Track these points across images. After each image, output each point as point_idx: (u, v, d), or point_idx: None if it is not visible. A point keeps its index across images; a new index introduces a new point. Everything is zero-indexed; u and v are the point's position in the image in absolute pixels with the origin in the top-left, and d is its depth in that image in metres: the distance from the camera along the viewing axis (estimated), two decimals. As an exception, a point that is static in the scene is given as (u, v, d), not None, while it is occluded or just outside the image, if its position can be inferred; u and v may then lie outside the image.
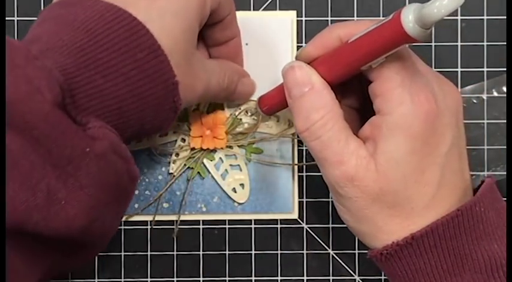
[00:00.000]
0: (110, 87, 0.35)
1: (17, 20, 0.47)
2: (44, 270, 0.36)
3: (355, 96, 0.41)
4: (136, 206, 0.47)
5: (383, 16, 0.47)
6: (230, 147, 0.47)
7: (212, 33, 0.43)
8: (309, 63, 0.39)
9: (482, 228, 0.37)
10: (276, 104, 0.42)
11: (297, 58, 0.40)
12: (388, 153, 0.36)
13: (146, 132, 0.38)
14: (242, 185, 0.47)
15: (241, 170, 0.47)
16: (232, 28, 0.43)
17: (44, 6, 0.47)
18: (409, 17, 0.32)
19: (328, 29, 0.39)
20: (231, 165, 0.47)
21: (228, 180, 0.47)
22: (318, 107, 0.37)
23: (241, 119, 0.47)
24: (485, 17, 0.48)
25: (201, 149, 0.47)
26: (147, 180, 0.47)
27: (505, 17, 0.47)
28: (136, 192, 0.47)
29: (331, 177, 0.38)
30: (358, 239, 0.47)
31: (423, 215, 0.37)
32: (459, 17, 0.48)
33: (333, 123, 0.37)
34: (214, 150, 0.47)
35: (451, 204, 0.37)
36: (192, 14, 0.38)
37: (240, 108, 0.47)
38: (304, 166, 0.47)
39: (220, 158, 0.47)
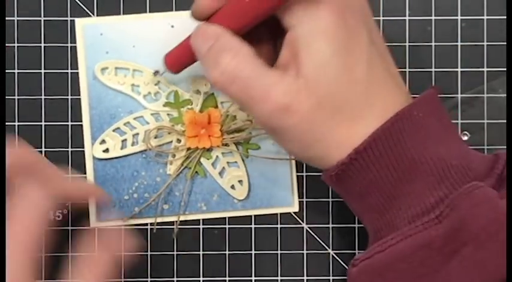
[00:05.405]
0: None
1: (17, 20, 0.47)
2: None
3: (268, 52, 0.41)
4: (136, 209, 0.47)
5: (383, 16, 0.48)
6: (226, 144, 0.47)
7: None
8: (208, 19, 0.39)
9: (425, 133, 0.37)
10: (184, 59, 0.42)
11: (192, 14, 0.39)
12: (313, 60, 0.36)
13: None
14: (241, 181, 0.47)
15: (239, 166, 0.47)
16: None
17: (44, 6, 0.47)
18: None
19: None
20: (228, 162, 0.47)
21: (227, 178, 0.47)
22: (226, 51, 0.37)
23: (235, 116, 0.47)
24: (485, 17, 0.48)
25: (197, 148, 0.47)
26: (145, 183, 0.47)
27: (505, 17, 0.48)
28: (136, 195, 0.47)
29: (263, 114, 0.37)
30: (358, 239, 0.47)
31: (363, 116, 0.37)
32: (459, 17, 0.48)
33: (246, 62, 0.37)
34: (210, 149, 0.47)
35: (386, 102, 0.37)
36: None
37: (234, 105, 0.47)
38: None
39: (217, 156, 0.47)
